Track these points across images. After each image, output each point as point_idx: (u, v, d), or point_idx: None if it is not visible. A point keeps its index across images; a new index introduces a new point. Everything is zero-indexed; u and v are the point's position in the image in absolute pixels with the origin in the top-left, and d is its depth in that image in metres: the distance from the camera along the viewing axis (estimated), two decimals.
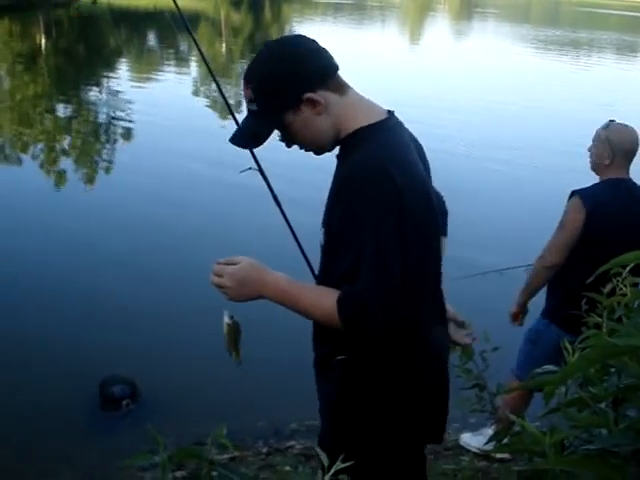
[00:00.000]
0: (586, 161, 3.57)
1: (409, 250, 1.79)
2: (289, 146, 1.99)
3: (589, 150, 3.55)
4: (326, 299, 1.83)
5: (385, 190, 1.76)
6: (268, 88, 1.88)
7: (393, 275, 1.76)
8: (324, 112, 1.87)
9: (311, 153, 2.04)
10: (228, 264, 1.96)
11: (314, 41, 1.93)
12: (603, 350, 0.79)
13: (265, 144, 1.99)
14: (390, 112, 1.97)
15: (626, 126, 3.49)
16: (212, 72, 2.25)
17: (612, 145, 3.42)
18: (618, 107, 14.32)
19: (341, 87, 1.91)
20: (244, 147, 2.01)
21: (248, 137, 1.97)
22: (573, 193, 3.44)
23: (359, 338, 1.85)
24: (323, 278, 2.02)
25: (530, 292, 3.64)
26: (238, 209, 7.94)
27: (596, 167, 3.52)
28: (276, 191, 2.28)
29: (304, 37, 1.95)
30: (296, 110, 1.87)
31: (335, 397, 2.05)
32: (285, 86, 1.86)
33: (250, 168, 2.18)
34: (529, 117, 14.91)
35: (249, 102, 1.92)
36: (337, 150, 2.00)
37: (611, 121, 3.53)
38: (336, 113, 1.89)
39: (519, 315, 3.73)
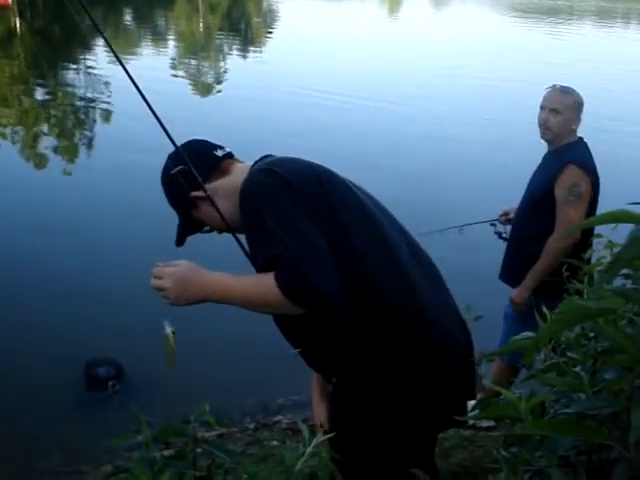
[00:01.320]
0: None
1: (320, 225, 1.85)
2: (220, 232, 2.14)
3: (542, 121, 3.50)
4: (265, 280, 1.82)
5: (266, 183, 1.90)
6: (171, 201, 2.16)
7: (311, 238, 1.81)
8: (216, 198, 2.02)
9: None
10: (167, 266, 1.99)
11: (195, 146, 2.15)
12: (575, 313, 0.80)
13: None
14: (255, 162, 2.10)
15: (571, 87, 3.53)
16: (122, 63, 2.32)
17: (581, 107, 3.46)
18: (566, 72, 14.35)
19: (226, 171, 2.09)
20: (178, 245, 2.20)
21: (178, 237, 2.20)
22: (568, 162, 3.36)
23: (308, 307, 1.81)
24: None
25: (543, 275, 3.41)
26: None
27: (559, 135, 3.46)
28: None
29: (186, 146, 2.12)
30: (195, 208, 2.09)
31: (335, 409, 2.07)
32: (175, 197, 2.12)
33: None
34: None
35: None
36: None
37: (554, 85, 3.52)
38: (228, 192, 2.03)
39: (525, 301, 3.52)
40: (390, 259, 1.95)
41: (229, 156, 2.13)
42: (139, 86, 2.16)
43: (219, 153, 2.12)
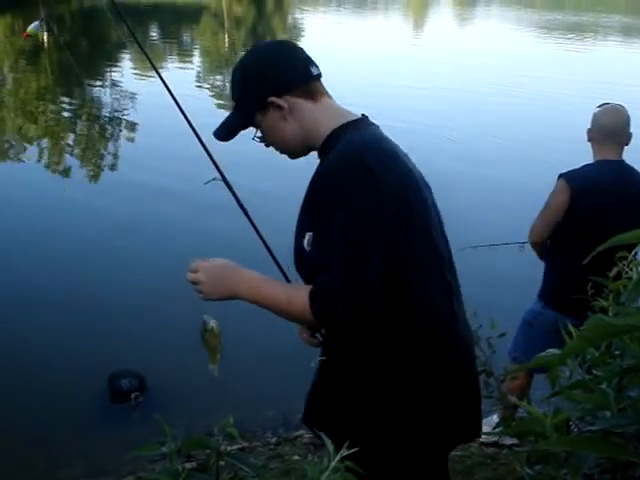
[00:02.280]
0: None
1: (391, 235, 1.78)
2: (267, 146, 2.05)
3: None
4: (299, 294, 1.83)
5: (360, 178, 1.77)
6: (240, 89, 1.99)
7: (366, 274, 1.75)
8: (289, 117, 1.93)
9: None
10: (204, 261, 2.00)
11: (292, 48, 2.03)
12: (601, 330, 0.79)
13: None
14: (364, 115, 2.01)
15: (615, 106, 3.48)
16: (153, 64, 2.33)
17: (594, 122, 3.44)
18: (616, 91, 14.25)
19: (314, 94, 1.96)
20: (221, 140, 2.04)
21: (224, 131, 2.04)
22: (560, 175, 3.45)
23: (334, 332, 1.86)
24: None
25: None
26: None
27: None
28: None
29: (282, 44, 2.06)
30: (263, 112, 1.95)
31: (345, 402, 1.98)
32: (254, 88, 1.95)
33: (214, 179, 2.29)
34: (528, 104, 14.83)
35: (233, 100, 2.03)
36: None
37: (606, 103, 3.52)
38: (305, 118, 1.95)
39: None
40: (439, 270, 1.94)
41: (319, 77, 2.00)
42: (180, 105, 2.14)
43: (314, 71, 1.98)
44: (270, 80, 1.93)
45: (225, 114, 2.06)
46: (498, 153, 10.64)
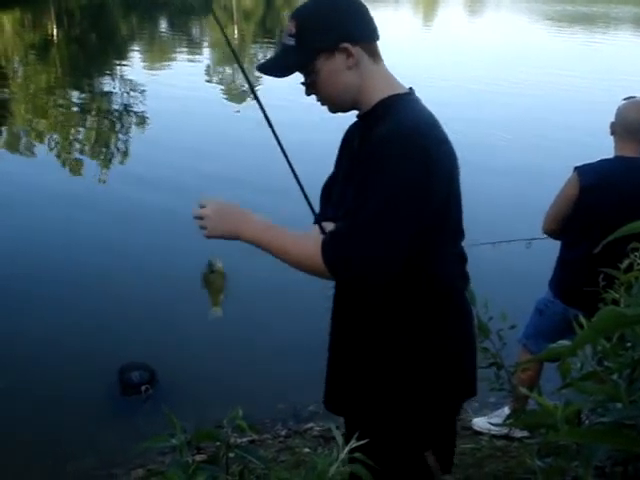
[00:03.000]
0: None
1: (432, 202, 1.82)
2: (308, 94, 2.00)
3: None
4: (309, 240, 1.85)
5: (416, 156, 1.78)
6: (312, 26, 1.90)
7: (397, 233, 1.78)
8: (354, 68, 1.90)
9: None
10: (214, 198, 2.00)
11: (365, 5, 1.97)
12: (612, 320, 0.79)
13: None
14: (411, 88, 2.01)
15: (639, 101, 3.41)
16: (234, 51, 2.22)
17: (617, 116, 3.38)
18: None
19: (376, 55, 1.96)
20: (273, 75, 1.98)
21: (278, 66, 1.98)
22: (575, 168, 3.42)
23: (346, 279, 1.86)
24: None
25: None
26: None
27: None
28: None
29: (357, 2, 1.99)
30: (329, 56, 1.89)
31: (372, 370, 2.02)
32: (328, 28, 1.89)
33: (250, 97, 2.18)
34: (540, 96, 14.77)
35: (288, 36, 1.93)
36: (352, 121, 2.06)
37: (631, 97, 3.46)
38: (365, 75, 1.92)
39: None
40: (459, 243, 2.04)
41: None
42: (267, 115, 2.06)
43: (378, 33, 1.97)
44: (348, 26, 1.91)
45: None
46: (506, 147, 10.58)
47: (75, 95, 14.87)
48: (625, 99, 3.44)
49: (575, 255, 3.42)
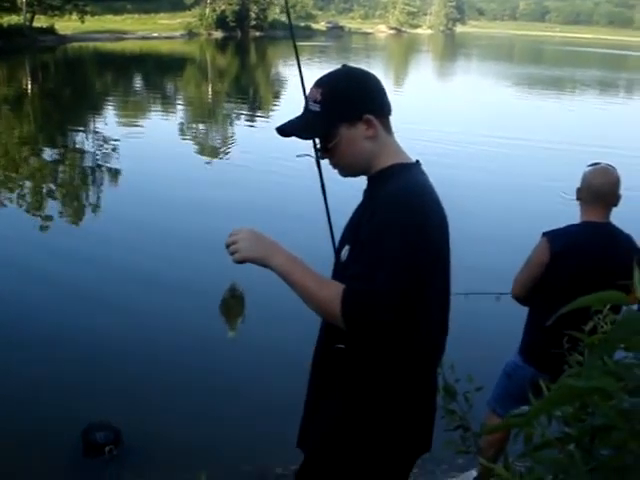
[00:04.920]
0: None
1: (427, 276, 1.92)
2: (323, 158, 2.13)
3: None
4: (332, 284, 1.92)
5: (410, 213, 1.89)
6: (339, 95, 2.03)
7: (404, 292, 1.84)
8: (371, 139, 2.03)
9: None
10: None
11: (381, 82, 2.12)
12: (565, 392, 0.80)
13: None
14: (417, 161, 2.12)
15: (605, 167, 3.44)
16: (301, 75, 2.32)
17: (583, 182, 3.43)
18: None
19: (389, 128, 2.10)
20: (296, 136, 2.07)
21: (301, 128, 2.07)
22: (543, 234, 3.45)
23: (354, 332, 1.90)
24: None
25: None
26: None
27: None
28: None
29: (374, 79, 2.12)
30: (351, 125, 2.01)
31: (340, 412, 2.09)
32: (354, 100, 2.03)
33: (307, 155, 2.25)
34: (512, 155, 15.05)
35: (313, 102, 2.04)
36: (363, 184, 2.14)
37: (596, 163, 3.51)
38: (379, 145, 2.05)
39: None
40: (445, 309, 2.11)
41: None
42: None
43: (391, 108, 2.11)
44: (373, 100, 2.05)
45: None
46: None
47: (47, 149, 14.89)
48: (590, 165, 3.50)
49: (544, 320, 3.43)
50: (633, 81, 45.08)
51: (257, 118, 20.50)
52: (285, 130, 2.07)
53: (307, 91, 2.11)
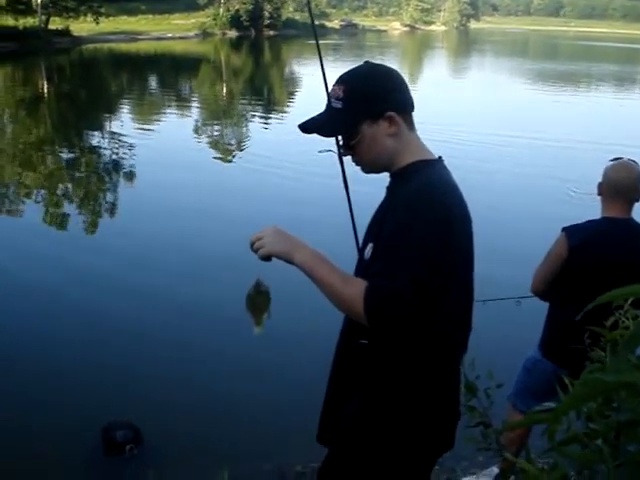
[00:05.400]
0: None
1: (449, 273, 1.90)
2: (345, 154, 2.12)
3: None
4: (356, 282, 1.90)
5: (434, 210, 1.88)
6: (361, 92, 2.02)
7: (426, 289, 1.83)
8: (394, 135, 2.02)
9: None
10: None
11: (403, 78, 2.12)
12: (593, 387, 0.79)
13: None
14: (440, 157, 2.11)
15: (627, 162, 3.39)
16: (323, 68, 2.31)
17: (605, 177, 3.40)
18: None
19: (411, 124, 2.09)
20: (319, 133, 2.07)
21: (323, 125, 2.06)
22: (563, 229, 3.43)
23: (377, 329, 1.89)
24: None
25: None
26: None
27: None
28: None
29: (399, 73, 2.12)
30: (373, 122, 2.01)
31: (362, 409, 2.09)
32: (377, 97, 2.02)
33: (330, 150, 2.22)
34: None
35: (335, 100, 2.04)
36: (386, 181, 2.13)
37: (618, 158, 3.47)
38: (401, 142, 2.04)
39: None
40: (468, 307, 2.11)
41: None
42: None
43: (414, 105, 2.10)
44: (396, 96, 2.04)
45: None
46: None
47: (64, 150, 14.96)
48: (612, 160, 3.47)
49: (564, 315, 3.41)
50: None
51: (272, 118, 20.47)
52: (307, 127, 2.07)
53: (329, 88, 2.09)
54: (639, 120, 22.35)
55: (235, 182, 11.98)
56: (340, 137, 2.11)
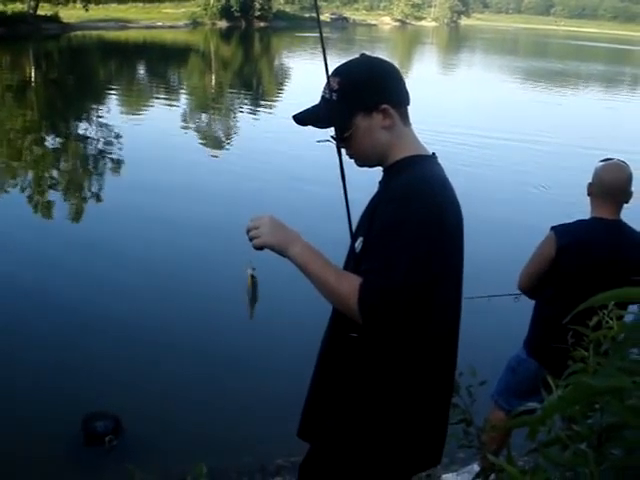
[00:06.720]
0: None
1: (441, 269, 1.90)
2: (340, 147, 2.07)
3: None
4: (350, 278, 1.88)
5: (427, 207, 1.87)
6: (356, 84, 2.01)
7: (418, 287, 1.84)
8: (388, 129, 2.01)
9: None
10: None
11: (399, 72, 2.11)
12: (582, 391, 0.77)
13: None
14: (434, 153, 2.10)
15: (617, 162, 3.39)
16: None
17: (594, 177, 3.39)
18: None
19: (406, 118, 2.08)
20: (313, 125, 2.06)
21: (318, 117, 2.05)
22: (551, 228, 3.42)
23: (370, 326, 1.87)
24: None
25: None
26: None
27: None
28: None
29: (395, 66, 2.11)
30: (367, 115, 2.00)
31: (347, 405, 2.06)
32: (371, 89, 2.01)
33: (328, 140, 2.14)
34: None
35: (330, 92, 2.01)
36: (379, 174, 2.12)
37: (609, 159, 3.46)
38: (395, 136, 2.03)
39: None
40: (457, 310, 2.09)
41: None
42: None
43: (409, 98, 2.09)
44: (391, 89, 2.04)
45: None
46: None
47: (50, 137, 14.86)
48: (602, 161, 3.45)
49: (550, 314, 3.41)
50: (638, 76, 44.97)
51: (261, 108, 20.41)
52: (301, 119, 2.06)
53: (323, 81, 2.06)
54: (617, 120, 22.45)
55: (224, 167, 11.95)
56: (334, 129, 2.07)
